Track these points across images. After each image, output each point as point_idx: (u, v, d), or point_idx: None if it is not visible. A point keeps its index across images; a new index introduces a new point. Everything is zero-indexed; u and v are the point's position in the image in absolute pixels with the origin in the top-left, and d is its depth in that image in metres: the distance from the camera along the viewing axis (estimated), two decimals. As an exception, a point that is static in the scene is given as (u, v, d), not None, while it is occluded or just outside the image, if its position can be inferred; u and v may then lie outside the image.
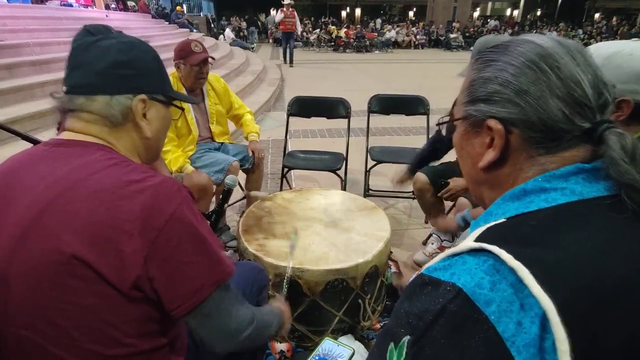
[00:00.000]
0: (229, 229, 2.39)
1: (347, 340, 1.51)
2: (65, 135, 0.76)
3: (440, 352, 0.40)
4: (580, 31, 20.55)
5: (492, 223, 0.49)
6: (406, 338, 0.43)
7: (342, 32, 17.19)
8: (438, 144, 2.11)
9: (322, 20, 23.01)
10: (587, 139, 0.49)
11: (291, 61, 10.46)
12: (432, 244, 2.25)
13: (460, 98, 0.59)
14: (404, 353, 0.42)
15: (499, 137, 0.52)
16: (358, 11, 27.40)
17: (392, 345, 0.44)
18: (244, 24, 18.31)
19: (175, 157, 2.02)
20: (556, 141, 0.49)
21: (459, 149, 0.61)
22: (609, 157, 0.46)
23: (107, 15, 8.84)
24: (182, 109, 0.93)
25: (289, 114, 2.80)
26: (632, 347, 0.39)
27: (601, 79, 0.50)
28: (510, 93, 0.50)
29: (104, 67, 0.73)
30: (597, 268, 0.41)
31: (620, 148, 0.46)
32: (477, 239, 0.46)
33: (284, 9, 9.87)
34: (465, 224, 1.44)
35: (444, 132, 0.67)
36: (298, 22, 10.29)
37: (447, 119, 0.63)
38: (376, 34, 17.96)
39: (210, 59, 2.10)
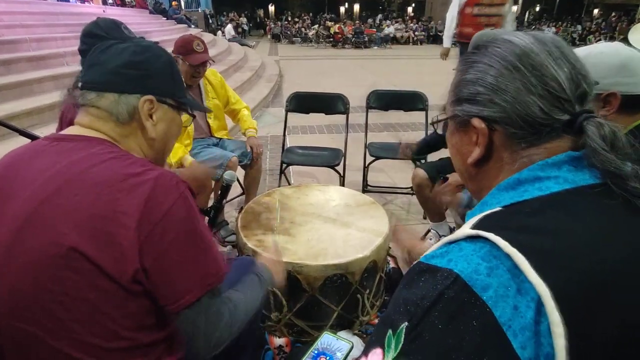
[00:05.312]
0: (228, 224, 2.40)
1: (346, 335, 1.51)
2: (72, 130, 0.77)
3: (438, 337, 0.41)
4: (579, 27, 20.53)
5: (488, 212, 0.50)
6: (404, 324, 0.43)
7: (336, 28, 17.18)
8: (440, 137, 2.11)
9: (321, 15, 22.92)
10: (568, 129, 0.50)
11: None
12: (431, 239, 2.26)
13: (448, 98, 0.61)
14: (402, 339, 0.43)
15: (482, 135, 0.54)
16: (357, 7, 27.31)
17: (390, 332, 0.44)
18: (243, 20, 18.23)
19: (174, 149, 2.01)
20: (536, 134, 0.51)
21: (450, 146, 0.64)
22: (589, 147, 0.48)
23: (104, 11, 8.78)
24: (194, 116, 0.96)
25: (288, 110, 2.79)
26: (624, 332, 0.40)
27: (579, 70, 0.51)
28: (491, 93, 0.52)
29: (116, 66, 0.77)
30: (591, 254, 0.42)
31: (600, 137, 0.47)
32: (474, 227, 0.47)
33: None
34: (468, 204, 1.43)
35: (439, 130, 0.69)
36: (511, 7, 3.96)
37: (441, 117, 0.65)
38: (375, 29, 17.92)
39: (209, 61, 2.10)
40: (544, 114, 0.50)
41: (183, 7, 18.91)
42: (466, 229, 0.47)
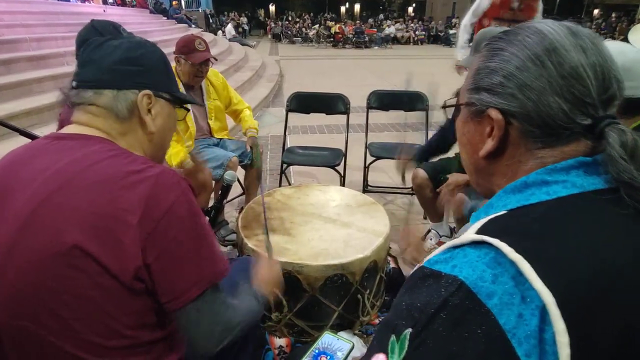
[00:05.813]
0: (228, 224, 2.40)
1: (347, 335, 1.51)
2: (70, 128, 0.77)
3: (442, 344, 0.40)
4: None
5: (493, 215, 0.49)
6: (408, 331, 0.43)
7: (337, 27, 17.22)
8: (447, 135, 2.07)
9: (322, 15, 22.93)
10: (588, 133, 0.48)
11: None
12: (431, 239, 2.25)
13: (465, 84, 0.58)
14: (406, 345, 0.42)
15: (498, 127, 0.51)
16: (357, 6, 27.32)
17: (393, 337, 0.44)
18: (243, 19, 18.24)
19: (176, 151, 2.02)
20: (554, 136, 0.49)
21: (460, 135, 0.61)
22: (607, 154, 0.46)
23: (104, 10, 8.78)
24: (188, 110, 0.96)
25: (288, 110, 2.79)
26: (628, 340, 0.39)
27: (611, 73, 0.48)
28: (513, 87, 0.49)
29: (112, 63, 0.76)
30: (596, 262, 0.41)
31: (620, 145, 0.45)
32: (479, 231, 0.46)
33: None
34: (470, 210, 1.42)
35: (449, 115, 0.66)
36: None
37: (452, 101, 0.62)
38: (375, 29, 17.93)
39: (211, 60, 2.10)
40: (567, 117, 0.47)
41: (183, 6, 18.93)
42: (471, 234, 0.46)
